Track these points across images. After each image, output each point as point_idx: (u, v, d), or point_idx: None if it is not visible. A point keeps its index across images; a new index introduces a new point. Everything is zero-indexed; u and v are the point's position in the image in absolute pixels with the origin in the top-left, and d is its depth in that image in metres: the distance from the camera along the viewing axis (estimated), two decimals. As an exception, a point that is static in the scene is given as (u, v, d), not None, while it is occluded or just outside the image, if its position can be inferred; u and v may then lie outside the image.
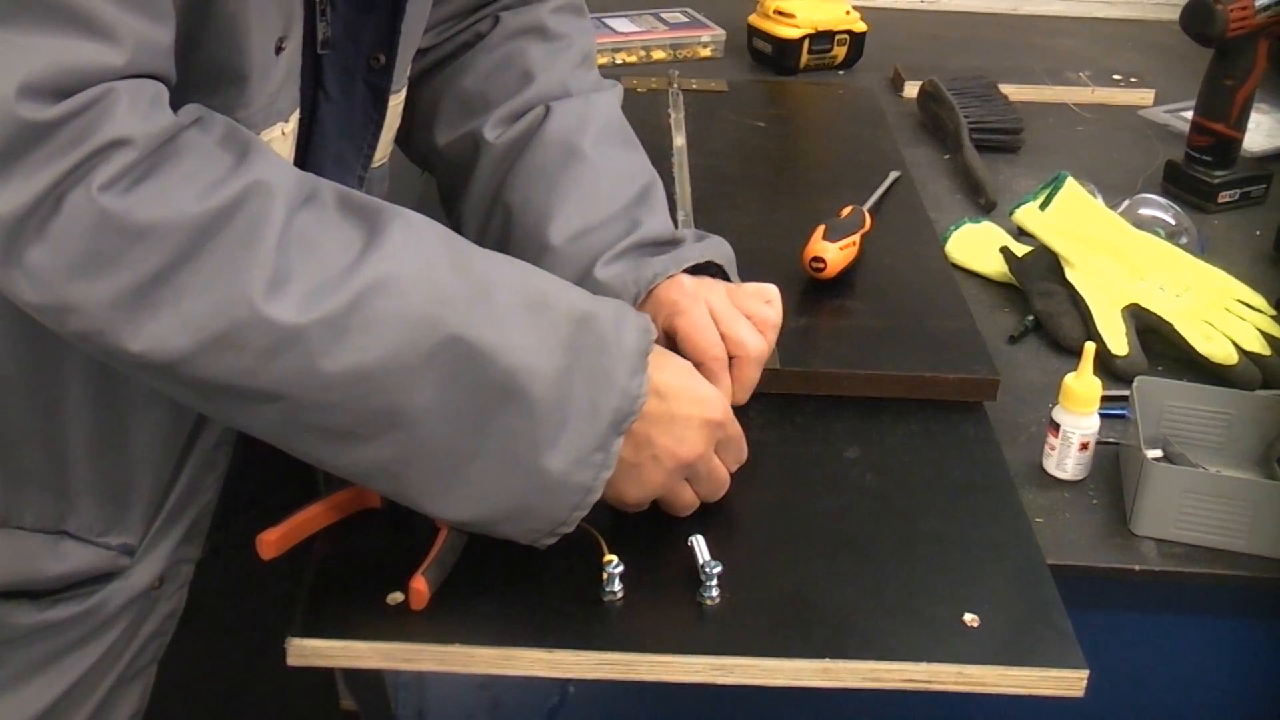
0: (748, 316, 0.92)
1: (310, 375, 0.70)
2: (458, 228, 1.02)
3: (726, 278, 0.97)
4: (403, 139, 1.08)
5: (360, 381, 0.71)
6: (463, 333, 0.73)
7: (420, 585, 0.79)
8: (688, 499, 0.86)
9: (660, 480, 0.83)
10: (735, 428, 0.88)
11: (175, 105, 0.71)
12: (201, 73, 0.73)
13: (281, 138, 0.80)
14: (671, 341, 0.91)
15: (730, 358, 0.90)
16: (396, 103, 0.93)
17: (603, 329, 0.79)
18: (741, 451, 0.89)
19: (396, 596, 0.81)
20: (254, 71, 0.75)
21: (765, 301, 0.94)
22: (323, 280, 0.70)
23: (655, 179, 1.00)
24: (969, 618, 0.82)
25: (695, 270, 0.94)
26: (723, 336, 0.90)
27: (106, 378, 0.80)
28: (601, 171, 0.98)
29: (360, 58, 0.86)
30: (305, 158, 0.86)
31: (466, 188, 1.00)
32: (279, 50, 0.77)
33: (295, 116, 0.82)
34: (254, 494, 0.96)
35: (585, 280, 0.92)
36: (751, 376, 0.91)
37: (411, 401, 0.73)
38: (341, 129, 0.88)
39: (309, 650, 0.79)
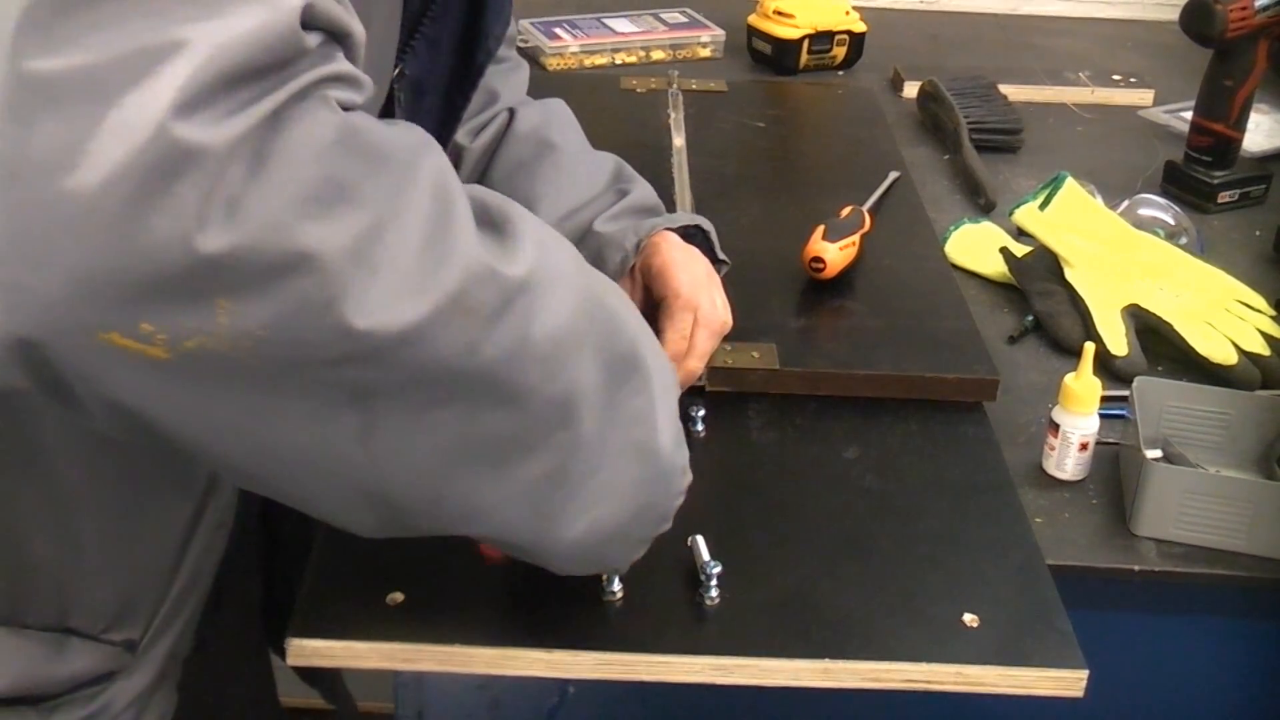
0: None
1: (522, 346, 0.60)
2: None
3: (713, 250, 1.02)
4: None
5: (555, 351, 0.61)
6: (601, 294, 0.66)
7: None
8: None
9: None
10: None
11: None
12: None
13: None
14: (649, 281, 0.96)
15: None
16: None
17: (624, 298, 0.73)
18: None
19: (396, 597, 0.81)
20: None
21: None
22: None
23: (622, 161, 1.06)
24: (969, 618, 0.82)
25: (686, 238, 0.99)
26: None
27: (114, 451, 0.73)
28: (576, 158, 1.05)
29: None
30: None
31: None
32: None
33: None
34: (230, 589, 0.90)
35: (584, 238, 0.98)
36: (708, 346, 0.95)
37: (582, 379, 0.63)
38: None
39: (309, 650, 0.79)
